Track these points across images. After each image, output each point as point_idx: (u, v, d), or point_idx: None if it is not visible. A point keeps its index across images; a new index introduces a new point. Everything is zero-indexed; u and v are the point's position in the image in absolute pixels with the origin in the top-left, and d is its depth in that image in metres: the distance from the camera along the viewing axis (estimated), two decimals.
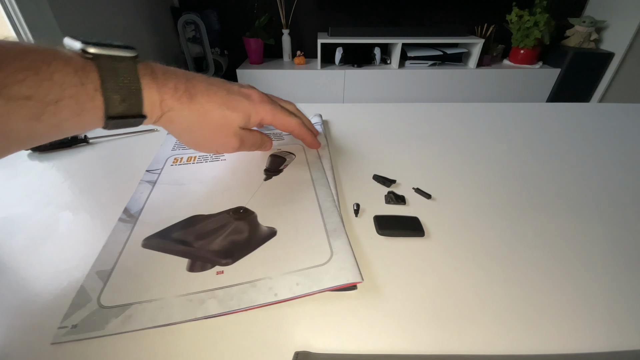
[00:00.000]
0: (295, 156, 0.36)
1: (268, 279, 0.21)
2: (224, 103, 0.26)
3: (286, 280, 0.21)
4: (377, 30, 1.86)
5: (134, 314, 0.19)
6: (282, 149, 0.37)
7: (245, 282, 0.21)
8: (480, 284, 0.22)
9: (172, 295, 0.20)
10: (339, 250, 0.23)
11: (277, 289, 0.20)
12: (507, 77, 1.91)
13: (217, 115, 0.26)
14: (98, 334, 0.18)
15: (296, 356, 0.17)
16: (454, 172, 0.35)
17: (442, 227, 0.27)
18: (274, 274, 0.21)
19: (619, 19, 1.74)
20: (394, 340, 0.19)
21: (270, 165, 0.34)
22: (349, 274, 0.21)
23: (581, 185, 0.33)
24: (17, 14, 0.99)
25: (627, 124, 0.48)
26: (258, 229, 0.25)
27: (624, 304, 0.21)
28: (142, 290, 0.20)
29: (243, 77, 1.92)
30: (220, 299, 0.20)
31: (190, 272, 0.22)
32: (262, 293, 0.20)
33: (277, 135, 0.41)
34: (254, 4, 1.94)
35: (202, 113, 0.25)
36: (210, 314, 0.19)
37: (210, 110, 0.25)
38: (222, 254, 0.23)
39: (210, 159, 0.35)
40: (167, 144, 0.39)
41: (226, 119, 0.26)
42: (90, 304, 0.20)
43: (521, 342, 0.19)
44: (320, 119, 0.46)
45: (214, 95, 0.26)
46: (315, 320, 0.19)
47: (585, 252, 0.25)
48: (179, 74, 0.25)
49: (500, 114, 0.51)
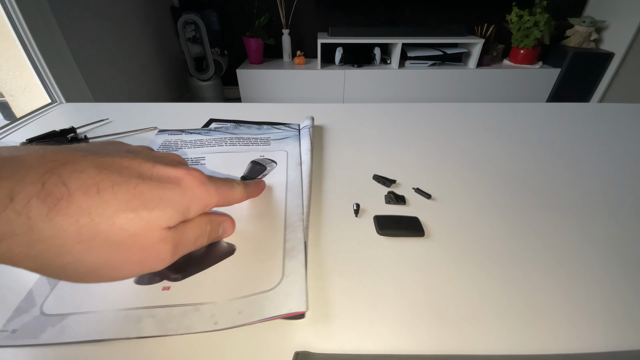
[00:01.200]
0: (277, 164, 0.33)
1: (212, 304, 0.19)
2: (132, 199, 0.16)
3: (230, 308, 0.19)
4: (377, 30, 1.86)
5: (69, 325, 0.18)
6: (265, 156, 0.35)
7: (190, 304, 0.19)
8: (480, 284, 0.22)
9: (112, 308, 0.19)
10: (291, 273, 0.21)
11: (219, 317, 0.18)
12: (507, 77, 1.91)
13: (122, 221, 0.15)
14: (32, 342, 0.17)
15: (296, 356, 0.17)
16: (454, 172, 0.35)
17: (442, 227, 0.27)
18: (220, 299, 0.19)
19: (619, 19, 1.74)
20: (394, 340, 0.18)
21: (248, 172, 0.32)
22: (293, 302, 0.19)
23: (581, 186, 0.33)
24: (17, 14, 0.99)
25: (627, 124, 0.48)
26: (217, 245, 0.23)
27: (624, 304, 0.21)
28: (84, 300, 0.19)
29: (243, 77, 1.93)
30: (158, 319, 0.18)
31: (136, 284, 0.20)
32: (203, 320, 0.18)
33: (264, 141, 0.38)
34: (254, 4, 1.94)
35: (86, 226, 0.14)
36: (144, 335, 0.18)
37: (106, 217, 0.15)
38: (173, 267, 0.21)
39: (190, 162, 0.33)
40: (152, 145, 0.37)
41: (140, 221, 0.16)
42: (34, 309, 0.19)
43: (521, 342, 0.19)
44: (312, 122, 0.42)
45: (110, 190, 0.15)
46: (315, 320, 0.19)
47: (585, 252, 0.25)
48: (33, 160, 0.14)
49: (500, 114, 0.51)
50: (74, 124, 0.43)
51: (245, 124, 0.45)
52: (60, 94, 1.13)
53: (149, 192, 0.16)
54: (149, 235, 0.16)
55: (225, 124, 0.45)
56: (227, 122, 0.46)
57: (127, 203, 0.15)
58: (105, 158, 0.16)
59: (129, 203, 0.15)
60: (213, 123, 0.45)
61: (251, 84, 1.95)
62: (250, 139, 0.38)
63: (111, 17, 1.45)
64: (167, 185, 0.17)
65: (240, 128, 0.41)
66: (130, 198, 0.16)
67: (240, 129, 0.40)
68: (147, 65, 1.75)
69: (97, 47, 1.35)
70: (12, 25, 1.00)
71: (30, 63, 1.07)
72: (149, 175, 0.17)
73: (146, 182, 0.16)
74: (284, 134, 0.39)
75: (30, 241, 0.13)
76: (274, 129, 0.41)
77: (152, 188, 0.16)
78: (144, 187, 0.16)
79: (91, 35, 1.32)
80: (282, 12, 1.86)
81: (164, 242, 0.17)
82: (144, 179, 0.17)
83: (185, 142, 0.37)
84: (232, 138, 0.38)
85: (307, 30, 2.08)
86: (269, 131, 0.40)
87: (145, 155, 0.19)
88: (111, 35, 1.45)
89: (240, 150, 0.35)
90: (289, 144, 0.37)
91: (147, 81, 1.76)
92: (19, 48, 1.04)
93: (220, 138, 0.38)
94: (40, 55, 1.06)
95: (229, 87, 2.27)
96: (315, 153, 0.38)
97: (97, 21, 1.35)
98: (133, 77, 1.62)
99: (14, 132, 0.45)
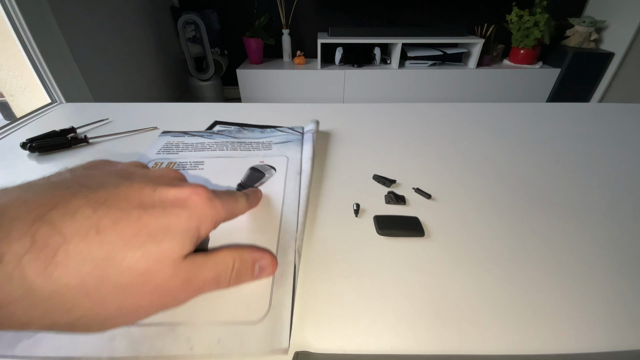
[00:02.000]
0: (276, 171, 0.32)
1: (191, 325, 0.18)
2: (136, 235, 0.14)
3: (209, 332, 0.18)
4: (377, 30, 1.86)
5: (45, 338, 0.17)
6: (264, 162, 0.33)
7: (166, 322, 0.18)
8: (480, 283, 0.22)
9: None
10: (278, 304, 0.19)
11: (195, 341, 0.17)
12: (507, 77, 1.91)
13: (130, 261, 0.13)
14: (6, 353, 0.16)
15: (296, 356, 0.17)
16: (454, 172, 0.35)
17: (442, 227, 0.27)
18: (199, 321, 0.18)
19: (619, 19, 1.74)
20: (394, 340, 0.18)
21: (246, 180, 0.30)
22: (275, 340, 0.17)
23: (581, 186, 0.33)
24: (17, 14, 0.99)
25: (627, 124, 0.48)
26: None
27: (624, 304, 0.21)
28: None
29: (243, 77, 1.93)
30: (131, 339, 0.17)
31: None
32: (177, 342, 0.17)
33: (266, 145, 0.37)
34: (254, 4, 1.94)
35: (90, 275, 0.13)
36: (115, 356, 0.17)
37: (111, 260, 0.13)
38: None
39: (188, 167, 0.32)
40: (154, 146, 0.37)
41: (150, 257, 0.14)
42: None
43: (521, 342, 0.19)
44: (316, 126, 0.41)
45: (112, 229, 0.13)
46: (315, 320, 0.19)
47: (585, 252, 0.25)
48: (16, 210, 0.12)
49: (500, 114, 0.51)
50: (74, 124, 0.44)
51: (249, 127, 0.44)
52: (60, 94, 1.13)
53: (154, 222, 0.15)
54: (161, 271, 0.15)
55: (228, 127, 0.45)
56: (231, 125, 0.46)
57: (132, 240, 0.14)
58: (98, 192, 0.14)
59: (134, 239, 0.14)
60: (217, 125, 0.45)
61: (251, 84, 1.95)
62: (252, 143, 0.37)
63: (111, 17, 1.45)
64: (172, 211, 0.16)
65: (243, 132, 0.41)
66: (135, 233, 0.14)
67: (243, 133, 0.40)
68: (147, 65, 1.75)
69: (97, 47, 1.35)
70: (12, 25, 1.00)
71: (30, 63, 1.07)
72: (150, 203, 0.15)
73: (149, 212, 0.15)
74: (287, 137, 0.39)
75: (32, 303, 0.12)
76: (277, 131, 0.40)
77: (157, 217, 0.15)
78: (148, 218, 0.15)
79: (91, 35, 1.32)
80: (282, 12, 1.86)
81: (177, 276, 0.15)
82: (147, 208, 0.15)
83: (187, 145, 0.37)
84: (234, 142, 0.37)
85: (307, 30, 2.08)
86: (271, 134, 0.40)
87: (141, 177, 0.17)
88: (111, 35, 1.45)
89: (240, 156, 0.35)
90: (291, 148, 0.36)
91: (147, 81, 1.76)
92: (19, 48, 1.04)
93: (222, 142, 0.38)
94: (40, 55, 1.06)
95: (229, 87, 2.27)
96: (316, 153, 0.38)
97: (97, 21, 1.35)
98: (133, 77, 1.62)
99: (14, 132, 0.45)
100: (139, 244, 0.14)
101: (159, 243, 0.14)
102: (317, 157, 0.38)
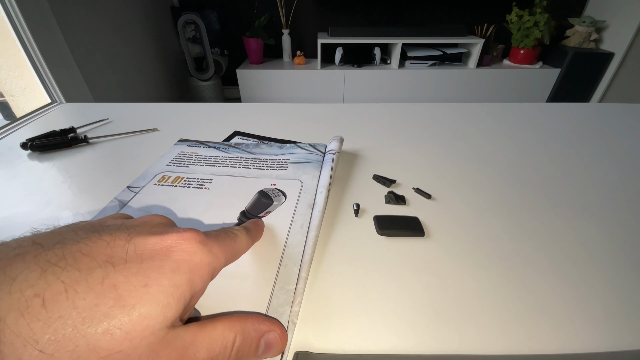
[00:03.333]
0: (286, 199, 0.29)
1: None
2: (100, 302, 0.11)
3: None
4: (377, 30, 1.86)
5: None
6: (276, 185, 0.30)
7: None
8: (480, 284, 0.22)
9: None
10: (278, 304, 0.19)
11: None
12: (507, 77, 1.91)
13: (90, 341, 0.10)
14: None
15: (296, 356, 0.17)
16: (454, 172, 0.35)
17: (442, 227, 0.27)
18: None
19: (619, 19, 1.74)
20: (394, 340, 0.18)
21: (251, 207, 0.27)
22: None
23: (581, 186, 0.33)
24: (17, 14, 0.99)
25: (627, 124, 0.48)
26: None
27: (624, 304, 0.21)
28: None
29: (243, 77, 1.93)
30: None
31: None
32: None
33: (281, 163, 0.34)
34: (254, 4, 1.94)
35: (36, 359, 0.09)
36: None
37: (61, 342, 0.10)
38: None
39: (195, 184, 0.31)
40: (167, 156, 0.36)
41: (119, 334, 0.11)
42: None
43: (521, 342, 0.19)
44: (339, 144, 0.36)
45: (63, 297, 0.10)
46: (315, 320, 0.19)
47: (585, 252, 0.25)
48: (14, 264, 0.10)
49: (500, 114, 0.51)
50: (74, 124, 0.44)
51: (268, 141, 0.42)
52: (60, 94, 1.13)
53: (125, 282, 0.11)
54: (134, 353, 0.11)
55: (247, 139, 0.43)
56: (250, 137, 0.43)
57: (92, 310, 0.10)
58: (53, 250, 0.11)
59: (94, 309, 0.10)
60: (236, 137, 0.43)
61: (251, 84, 1.95)
62: (267, 161, 0.35)
63: (111, 17, 1.45)
64: (151, 264, 0.12)
65: (261, 146, 0.38)
66: (98, 300, 0.10)
67: (260, 148, 0.38)
68: (147, 65, 1.75)
69: (97, 47, 1.35)
70: (12, 25, 1.00)
71: (30, 63, 1.07)
72: (122, 257, 0.12)
73: (119, 269, 0.11)
74: (306, 157, 0.35)
75: None
76: (297, 147, 0.38)
77: (130, 274, 0.11)
78: (117, 278, 0.11)
79: (91, 36, 1.32)
80: (282, 12, 1.86)
81: (157, 358, 0.11)
82: (116, 264, 0.12)
83: (200, 158, 0.35)
84: (249, 159, 0.35)
85: (307, 30, 2.08)
86: (290, 150, 0.37)
87: (115, 228, 0.14)
88: (111, 35, 1.45)
89: (252, 175, 0.32)
90: (308, 171, 0.33)
91: (147, 81, 1.76)
92: (19, 48, 1.04)
93: (237, 157, 0.36)
94: (40, 55, 1.06)
95: (229, 87, 2.27)
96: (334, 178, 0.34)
97: (97, 21, 1.35)
98: (133, 77, 1.62)
99: (14, 132, 0.45)
100: (101, 316, 0.10)
101: (129, 311, 0.11)
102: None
